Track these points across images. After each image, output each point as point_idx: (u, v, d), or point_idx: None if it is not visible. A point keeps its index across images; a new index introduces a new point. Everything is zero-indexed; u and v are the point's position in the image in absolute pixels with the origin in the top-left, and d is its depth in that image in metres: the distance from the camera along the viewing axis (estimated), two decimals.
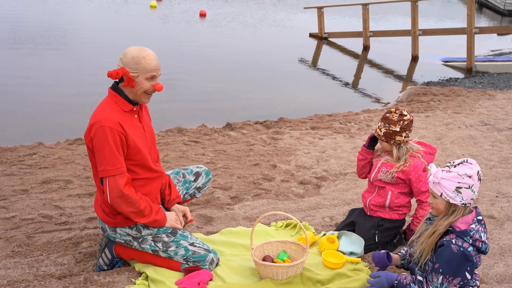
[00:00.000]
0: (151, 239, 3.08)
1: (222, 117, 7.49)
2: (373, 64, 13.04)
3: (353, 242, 3.42)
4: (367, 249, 3.44)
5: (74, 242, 3.55)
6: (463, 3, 27.29)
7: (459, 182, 2.54)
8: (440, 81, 10.94)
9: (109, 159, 2.85)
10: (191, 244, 3.10)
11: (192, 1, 22.41)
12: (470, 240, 2.52)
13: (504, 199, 4.42)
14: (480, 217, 2.61)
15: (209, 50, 12.80)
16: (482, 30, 12.60)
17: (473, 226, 2.55)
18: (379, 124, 3.46)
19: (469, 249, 2.51)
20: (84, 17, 16.42)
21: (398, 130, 3.38)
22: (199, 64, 11.25)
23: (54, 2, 19.13)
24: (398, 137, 3.40)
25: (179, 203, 3.33)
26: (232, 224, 3.87)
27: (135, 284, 2.99)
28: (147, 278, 3.05)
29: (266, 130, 6.82)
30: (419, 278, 2.66)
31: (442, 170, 2.60)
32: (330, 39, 15.68)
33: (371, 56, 13.82)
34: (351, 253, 3.37)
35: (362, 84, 10.97)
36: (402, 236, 3.68)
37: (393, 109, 3.45)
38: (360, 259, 3.30)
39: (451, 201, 2.56)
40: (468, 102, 8.65)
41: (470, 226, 2.55)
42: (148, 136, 3.11)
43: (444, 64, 12.88)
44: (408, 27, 13.49)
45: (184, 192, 3.47)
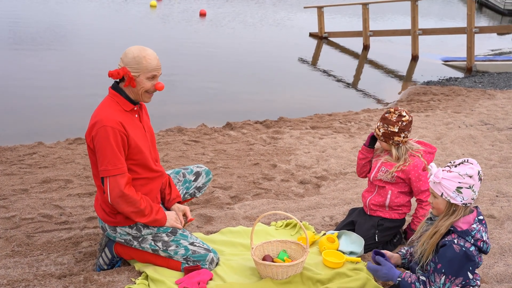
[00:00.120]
0: (151, 238, 3.08)
1: (222, 116, 7.48)
2: (373, 63, 13.03)
3: (353, 242, 3.42)
4: (367, 248, 3.44)
5: (74, 242, 3.55)
6: (463, 2, 27.28)
7: (459, 182, 2.53)
8: (440, 80, 10.94)
9: (111, 158, 2.85)
10: (191, 244, 3.10)
11: (192, 1, 22.40)
12: (472, 240, 2.52)
13: (504, 199, 4.42)
14: (481, 217, 2.61)
15: (209, 49, 12.79)
16: (482, 30, 12.59)
17: (475, 226, 2.55)
18: (378, 124, 3.46)
19: (471, 249, 2.51)
20: (84, 17, 16.41)
21: (396, 131, 3.37)
22: (199, 64, 11.24)
23: (54, 2, 19.12)
24: (396, 138, 3.39)
25: (179, 202, 3.33)
26: (232, 223, 3.87)
27: (135, 283, 2.99)
28: (147, 277, 3.05)
29: (266, 129, 6.81)
30: (422, 278, 2.66)
31: (443, 170, 2.60)
32: (330, 39, 15.67)
33: (371, 55, 13.81)
34: (351, 253, 3.37)
35: (362, 84, 10.97)
36: (402, 235, 3.68)
37: (392, 110, 3.44)
38: (360, 258, 3.30)
39: (452, 201, 2.56)
40: (468, 101, 8.65)
41: (472, 226, 2.55)
42: (148, 135, 3.12)
43: (444, 64, 12.87)
44: (408, 26, 13.48)
45: (184, 191, 3.47)
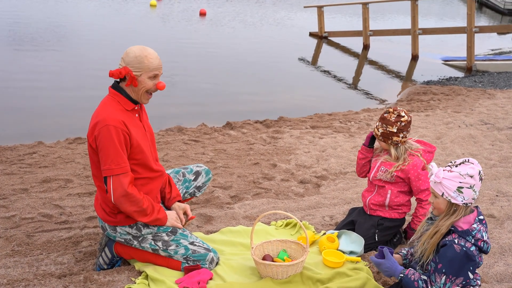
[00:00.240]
0: (151, 238, 3.08)
1: (222, 116, 7.48)
2: (373, 63, 13.03)
3: (353, 241, 3.42)
4: (367, 248, 3.44)
5: (74, 241, 3.55)
6: (463, 2, 27.27)
7: (460, 182, 2.53)
8: (440, 80, 10.94)
9: (114, 158, 2.85)
10: (191, 243, 3.10)
11: (192, 0, 22.39)
12: (473, 239, 2.52)
13: (504, 198, 4.42)
14: (481, 217, 2.61)
15: (209, 49, 12.79)
16: (482, 29, 12.58)
17: (475, 225, 2.55)
18: (377, 123, 3.46)
19: (471, 249, 2.50)
20: (84, 17, 16.41)
21: (395, 131, 3.37)
22: (199, 63, 11.24)
23: (54, 1, 19.12)
24: (395, 138, 3.39)
25: (179, 201, 3.33)
26: (232, 223, 3.87)
27: (135, 283, 2.99)
28: (147, 277, 3.05)
29: (266, 129, 6.81)
30: (423, 277, 2.66)
31: (444, 170, 2.60)
32: (330, 38, 15.67)
33: (371, 55, 13.81)
34: (351, 252, 3.36)
35: (362, 83, 10.97)
36: (402, 235, 3.68)
37: (391, 109, 3.44)
38: (360, 258, 3.30)
39: (453, 201, 2.56)
40: (468, 101, 8.64)
41: (472, 225, 2.55)
42: (148, 135, 3.12)
43: (444, 63, 12.87)
44: (408, 26, 13.48)
45: (184, 191, 3.48)
